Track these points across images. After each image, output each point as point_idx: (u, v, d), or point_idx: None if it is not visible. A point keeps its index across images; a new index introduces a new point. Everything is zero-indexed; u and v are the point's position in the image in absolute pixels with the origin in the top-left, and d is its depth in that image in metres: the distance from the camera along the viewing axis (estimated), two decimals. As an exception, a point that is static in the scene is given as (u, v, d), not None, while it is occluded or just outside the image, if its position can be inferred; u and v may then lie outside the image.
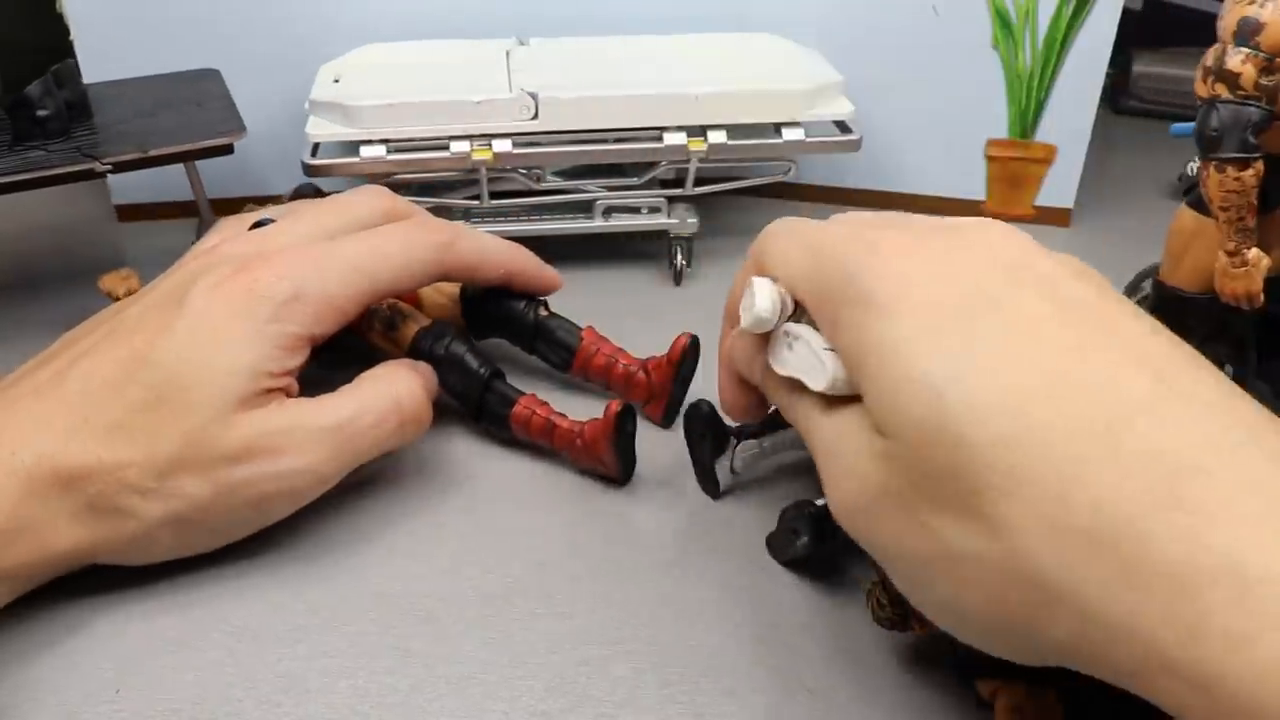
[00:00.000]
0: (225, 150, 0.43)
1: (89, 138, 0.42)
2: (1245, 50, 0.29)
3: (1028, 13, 0.49)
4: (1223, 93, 0.30)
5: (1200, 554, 0.19)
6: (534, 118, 0.45)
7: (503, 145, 0.45)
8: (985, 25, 0.50)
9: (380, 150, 0.45)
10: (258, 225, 0.36)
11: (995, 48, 0.50)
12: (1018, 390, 0.22)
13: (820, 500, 0.32)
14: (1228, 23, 0.30)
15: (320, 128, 0.45)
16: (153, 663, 0.29)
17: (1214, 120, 0.30)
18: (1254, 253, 0.31)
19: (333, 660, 0.29)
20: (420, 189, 0.48)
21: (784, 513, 0.32)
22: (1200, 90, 0.30)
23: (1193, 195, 0.34)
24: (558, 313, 0.40)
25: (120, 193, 0.53)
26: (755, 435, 0.35)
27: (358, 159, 0.45)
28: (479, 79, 0.46)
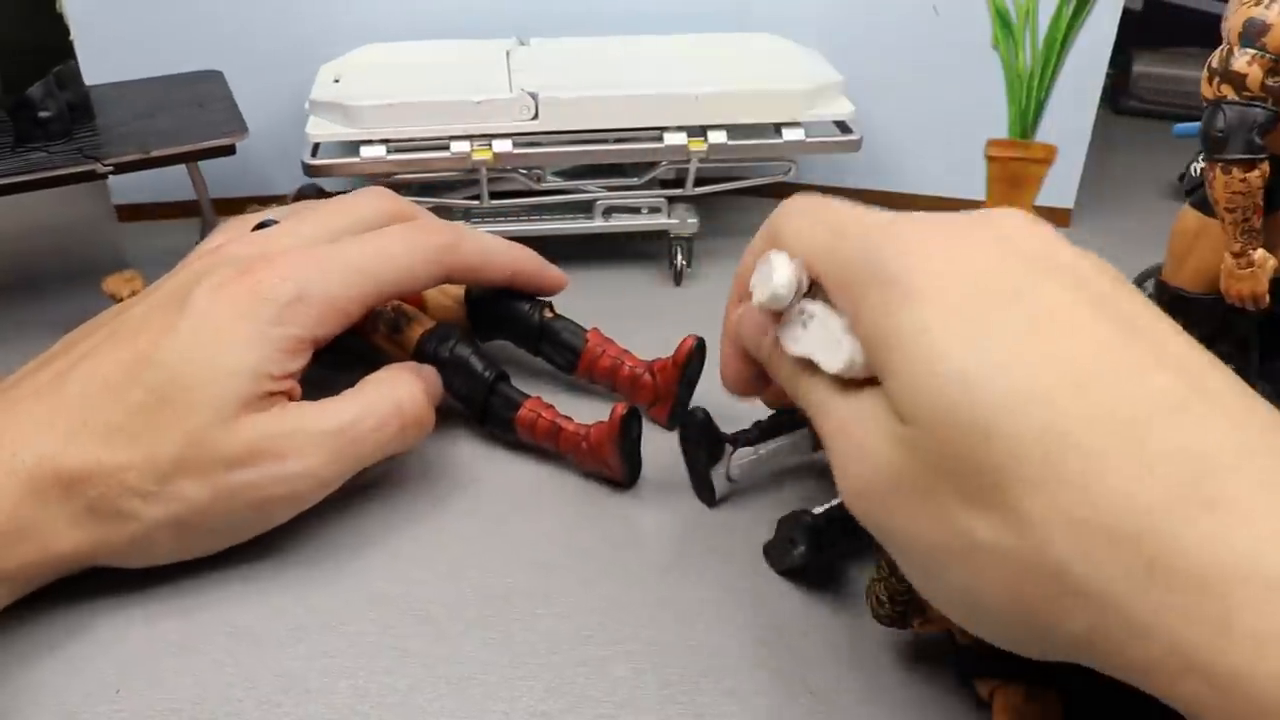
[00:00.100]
0: (227, 151, 0.43)
1: (91, 139, 0.42)
2: (1251, 51, 0.29)
3: (1028, 13, 0.49)
4: (1228, 94, 0.30)
5: (1226, 554, 0.19)
6: (534, 118, 0.45)
7: (503, 145, 0.45)
8: (985, 25, 0.50)
9: (380, 150, 0.44)
10: (261, 226, 0.36)
11: (995, 48, 0.50)
12: (1046, 384, 0.22)
13: (817, 509, 0.32)
14: (1233, 24, 0.30)
15: (320, 128, 0.45)
16: (153, 663, 0.29)
17: (1220, 121, 0.30)
18: (1260, 253, 0.31)
19: (333, 660, 0.29)
20: (420, 189, 0.48)
21: (780, 522, 0.32)
22: (1206, 91, 0.30)
23: (1196, 196, 0.34)
24: (562, 314, 0.40)
25: (120, 193, 0.53)
26: (751, 443, 0.35)
27: (358, 159, 0.44)
28: (479, 79, 0.46)
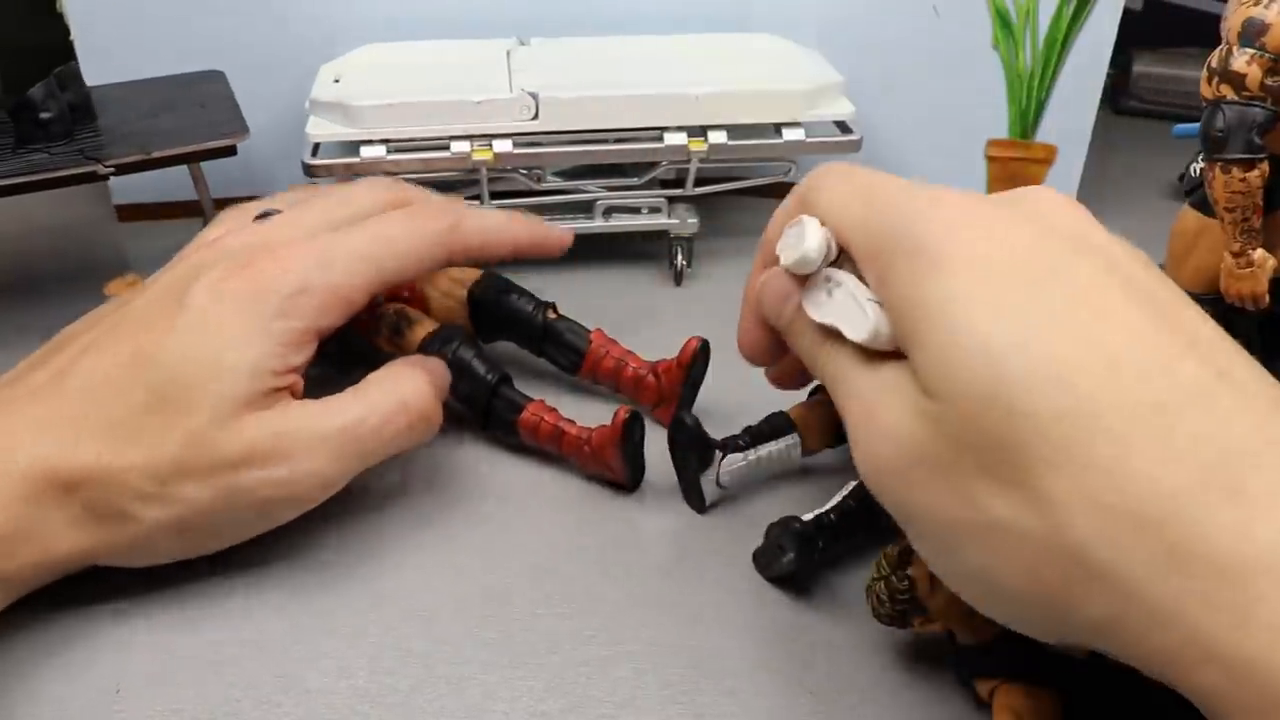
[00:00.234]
0: (228, 151, 0.43)
1: (92, 140, 0.42)
2: (1250, 51, 0.29)
3: (1028, 13, 0.49)
4: (1228, 94, 0.30)
5: (1248, 545, 0.19)
6: (534, 118, 0.45)
7: (503, 145, 0.45)
8: (985, 25, 0.50)
9: (380, 150, 0.44)
10: (262, 217, 0.36)
11: (995, 48, 0.50)
12: (1075, 364, 0.21)
13: (806, 516, 0.32)
14: (1232, 24, 0.30)
15: (320, 128, 0.45)
16: (153, 663, 0.29)
17: (1219, 121, 0.30)
18: (1259, 253, 0.31)
19: (333, 660, 0.29)
20: (421, 189, 0.48)
21: (770, 529, 0.32)
22: (1205, 91, 0.30)
23: (1195, 196, 0.34)
24: (564, 314, 0.40)
25: (121, 193, 0.53)
26: (741, 449, 0.34)
27: (358, 159, 0.44)
28: (479, 79, 0.46)
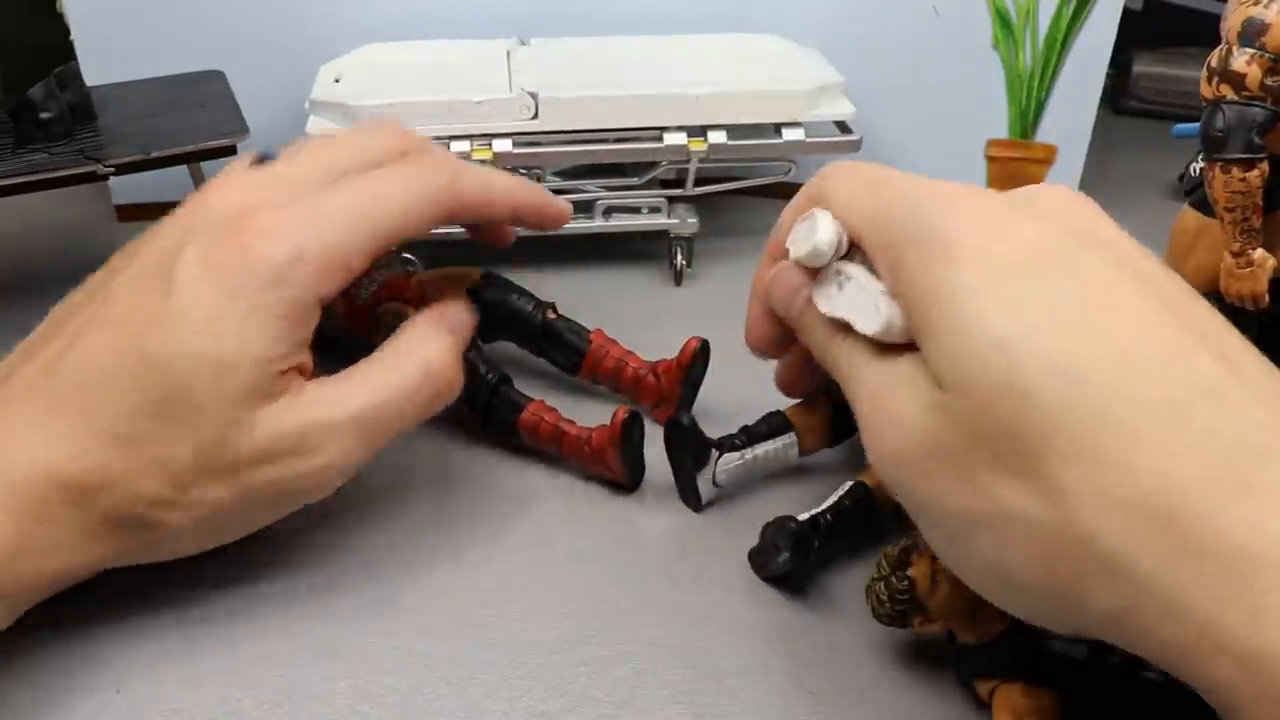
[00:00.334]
0: (228, 151, 0.43)
1: (92, 140, 0.42)
2: (1250, 51, 0.29)
3: (1028, 13, 0.49)
4: (1228, 94, 0.30)
5: (1259, 538, 0.19)
6: (534, 117, 0.45)
7: (503, 145, 0.45)
8: (985, 25, 0.50)
9: (381, 150, 0.44)
10: (260, 161, 0.33)
11: (995, 48, 0.50)
12: (1088, 356, 0.22)
13: (802, 515, 0.32)
14: (1232, 24, 0.30)
15: (320, 127, 0.45)
16: (153, 663, 0.29)
17: (1219, 121, 0.30)
18: (1259, 253, 0.31)
19: (333, 660, 0.29)
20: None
21: (765, 528, 0.32)
22: (1205, 91, 0.30)
23: (1195, 196, 0.34)
24: (564, 314, 0.40)
25: (121, 193, 0.53)
26: (737, 448, 0.34)
27: (358, 159, 0.44)
28: (480, 79, 0.46)
